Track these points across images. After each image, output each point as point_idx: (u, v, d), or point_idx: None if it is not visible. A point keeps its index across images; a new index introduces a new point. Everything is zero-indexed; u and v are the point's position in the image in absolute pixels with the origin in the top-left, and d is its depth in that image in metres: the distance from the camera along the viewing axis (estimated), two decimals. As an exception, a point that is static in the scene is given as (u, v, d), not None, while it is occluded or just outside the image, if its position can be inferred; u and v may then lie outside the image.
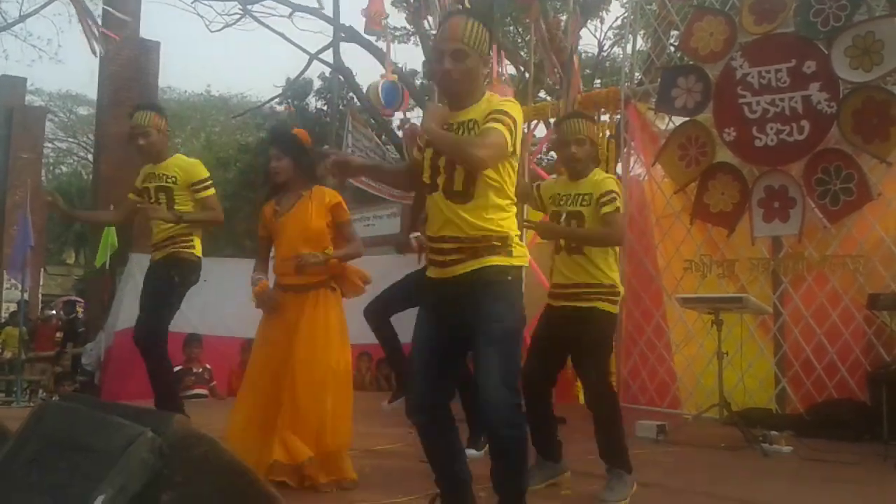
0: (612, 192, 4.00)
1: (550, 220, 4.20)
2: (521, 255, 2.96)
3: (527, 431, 2.91)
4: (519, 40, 18.28)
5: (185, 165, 5.02)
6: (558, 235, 4.10)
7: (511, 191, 2.98)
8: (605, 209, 3.98)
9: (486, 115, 2.86)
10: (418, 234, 4.69)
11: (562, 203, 4.14)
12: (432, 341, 3.01)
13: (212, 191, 5.03)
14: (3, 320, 16.89)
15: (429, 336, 3.03)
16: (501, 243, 2.90)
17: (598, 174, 4.14)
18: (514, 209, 3.01)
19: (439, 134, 2.90)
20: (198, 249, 5.01)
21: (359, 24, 15.53)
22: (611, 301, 4.03)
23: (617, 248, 4.18)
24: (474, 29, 2.87)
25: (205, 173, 5.03)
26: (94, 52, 7.60)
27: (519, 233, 3.02)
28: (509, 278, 2.91)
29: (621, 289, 4.13)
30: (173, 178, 4.95)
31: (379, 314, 5.05)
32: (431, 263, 3.03)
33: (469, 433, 5.04)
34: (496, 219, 2.91)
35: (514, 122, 2.86)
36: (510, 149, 2.85)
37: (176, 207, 4.91)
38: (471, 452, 4.92)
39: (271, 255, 4.37)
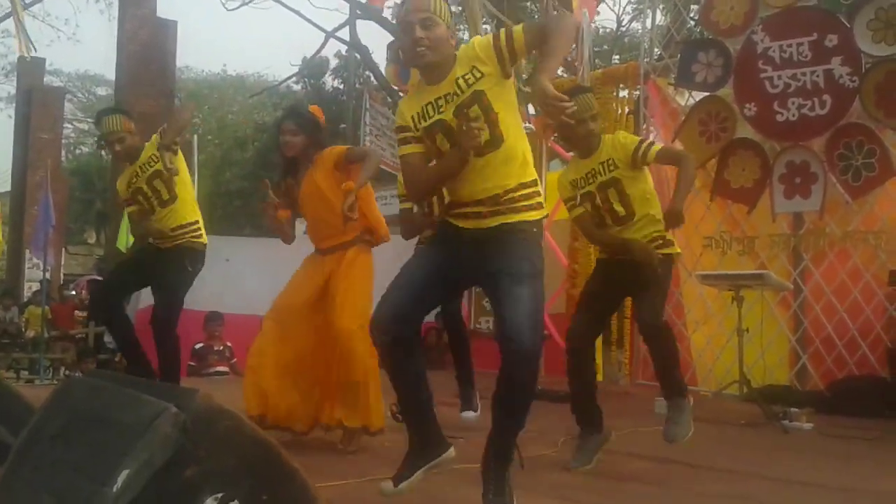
0: (641, 139, 4.00)
1: (581, 203, 4.11)
2: (543, 206, 3.01)
3: (540, 370, 2.90)
4: (536, 17, 18.17)
5: (150, 142, 4.93)
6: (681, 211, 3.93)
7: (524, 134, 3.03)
8: (654, 148, 3.95)
9: (484, 53, 2.88)
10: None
11: (587, 184, 4.04)
12: (430, 273, 3.00)
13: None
14: (26, 299, 17.04)
15: (429, 267, 3.03)
16: (530, 195, 2.94)
17: (610, 139, 4.04)
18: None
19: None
20: (204, 237, 5.08)
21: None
22: (663, 246, 4.02)
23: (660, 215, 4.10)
24: None
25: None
26: (25, 51, 7.43)
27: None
28: (535, 230, 2.96)
29: (673, 239, 4.13)
30: (153, 158, 4.86)
31: None
32: (456, 219, 3.01)
33: (461, 395, 5.07)
34: (528, 162, 2.96)
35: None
36: None
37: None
38: (468, 414, 4.97)
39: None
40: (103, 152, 29.26)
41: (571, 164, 4.30)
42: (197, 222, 5.05)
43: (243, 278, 8.71)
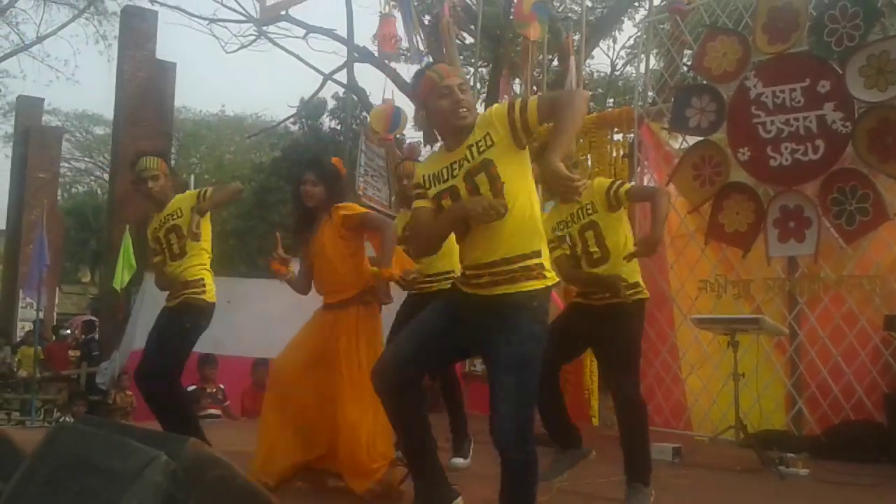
0: (613, 180, 4.09)
1: (560, 245, 4.20)
2: (551, 274, 2.98)
3: (537, 456, 2.87)
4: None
5: (183, 196, 4.96)
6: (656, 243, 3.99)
7: (537, 202, 3.01)
8: (624, 187, 4.06)
9: (498, 121, 2.91)
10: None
11: (568, 227, 4.20)
12: (437, 329, 3.02)
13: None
14: (18, 339, 16.95)
15: (436, 323, 3.05)
16: (530, 267, 2.91)
17: (590, 184, 4.13)
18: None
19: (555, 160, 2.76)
20: (210, 294, 4.89)
21: (373, 45, 15.67)
22: (636, 294, 4.09)
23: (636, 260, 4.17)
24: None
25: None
26: None
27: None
28: (536, 304, 2.89)
29: (645, 292, 4.18)
30: (178, 212, 4.86)
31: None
32: (465, 286, 3.02)
33: (453, 441, 5.04)
34: (534, 232, 2.94)
35: None
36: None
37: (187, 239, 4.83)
38: (457, 461, 4.93)
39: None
40: (99, 191, 29.29)
41: (554, 209, 4.40)
42: (203, 280, 4.88)
43: (236, 319, 8.67)
